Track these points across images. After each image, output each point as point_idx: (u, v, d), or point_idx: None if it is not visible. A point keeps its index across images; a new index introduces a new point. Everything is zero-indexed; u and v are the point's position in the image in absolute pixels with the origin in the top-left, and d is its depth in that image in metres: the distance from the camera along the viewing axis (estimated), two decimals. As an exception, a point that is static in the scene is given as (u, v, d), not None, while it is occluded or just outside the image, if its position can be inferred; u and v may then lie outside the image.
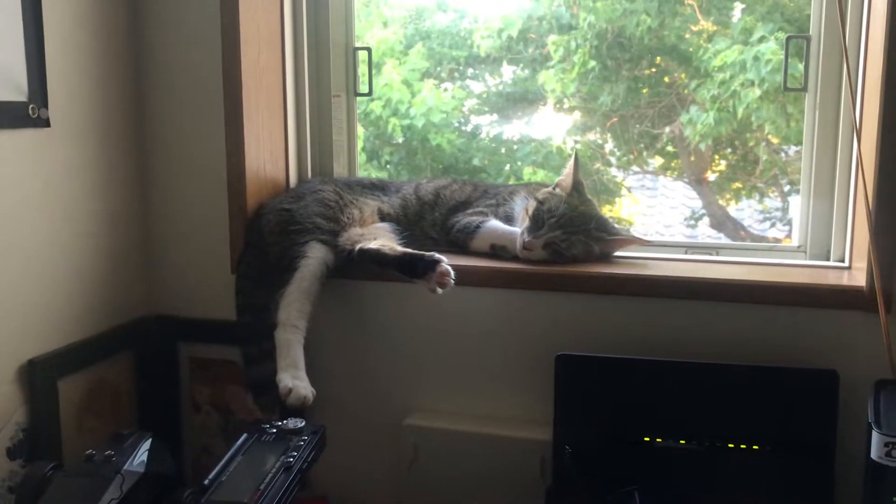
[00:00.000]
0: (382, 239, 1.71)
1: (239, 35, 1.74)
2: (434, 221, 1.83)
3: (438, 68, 2.92)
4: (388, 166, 2.89)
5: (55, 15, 1.63)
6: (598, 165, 2.78)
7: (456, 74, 2.97)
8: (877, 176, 1.45)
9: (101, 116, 1.77)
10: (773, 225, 2.85)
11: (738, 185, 2.86)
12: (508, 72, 2.92)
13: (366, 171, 2.71)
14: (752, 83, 2.36)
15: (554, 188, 1.76)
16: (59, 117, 1.65)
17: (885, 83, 1.43)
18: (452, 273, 1.57)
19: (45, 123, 1.61)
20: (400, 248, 1.66)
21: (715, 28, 2.56)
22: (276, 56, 1.88)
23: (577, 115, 2.81)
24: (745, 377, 1.50)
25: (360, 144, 2.07)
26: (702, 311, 1.59)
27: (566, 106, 2.75)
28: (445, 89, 2.95)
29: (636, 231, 1.98)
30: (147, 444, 1.39)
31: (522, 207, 1.75)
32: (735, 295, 1.56)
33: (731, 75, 2.41)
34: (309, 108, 1.98)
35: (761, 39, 2.37)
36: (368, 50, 2.02)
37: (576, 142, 2.74)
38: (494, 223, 1.76)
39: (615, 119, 2.69)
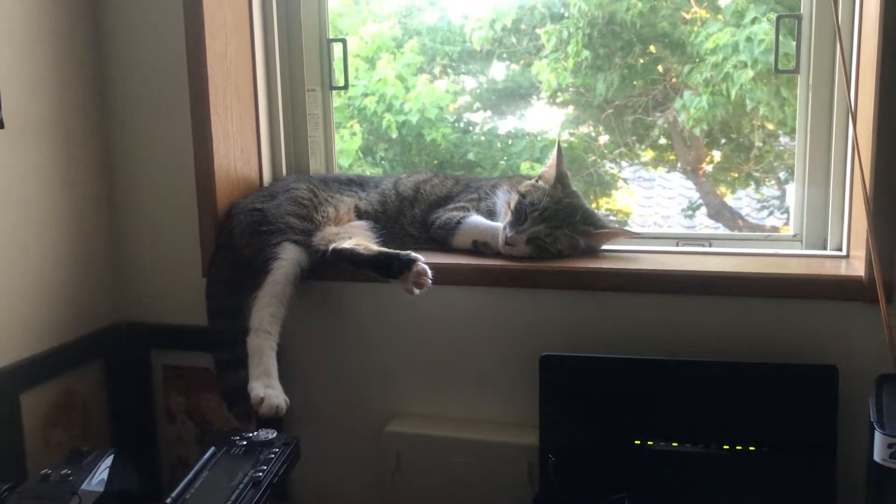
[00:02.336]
0: (358, 238, 1.64)
1: (203, 27, 1.67)
2: (414, 218, 1.76)
3: (432, 63, 2.88)
4: (382, 162, 2.85)
5: (3, 11, 1.56)
6: (592, 158, 2.74)
7: (449, 70, 2.92)
8: (874, 160, 1.37)
9: (60, 116, 1.70)
10: (770, 213, 2.81)
11: (734, 174, 2.82)
12: (501, 66, 2.89)
13: (360, 167, 2.67)
14: (745, 65, 2.33)
15: (537, 180, 1.69)
16: (13, 118, 1.58)
17: (880, 63, 1.35)
18: (430, 272, 1.50)
19: (-1, 125, 1.54)
20: (375, 247, 1.59)
21: (707, 15, 2.52)
22: (245, 49, 1.81)
23: (570, 108, 2.77)
24: (739, 375, 1.42)
25: (337, 139, 2.00)
26: (693, 306, 1.52)
27: (559, 99, 2.71)
28: (437, 87, 2.91)
29: (633, 223, 1.91)
30: (108, 461, 1.33)
31: (505, 201, 1.69)
32: (728, 288, 1.49)
33: (724, 57, 2.38)
34: (282, 103, 1.90)
35: (753, 20, 2.34)
36: (343, 41, 1.95)
37: (570, 134, 2.69)
38: (476, 218, 1.69)
39: (609, 111, 2.64)
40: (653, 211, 3.12)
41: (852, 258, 1.56)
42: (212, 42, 1.69)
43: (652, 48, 2.65)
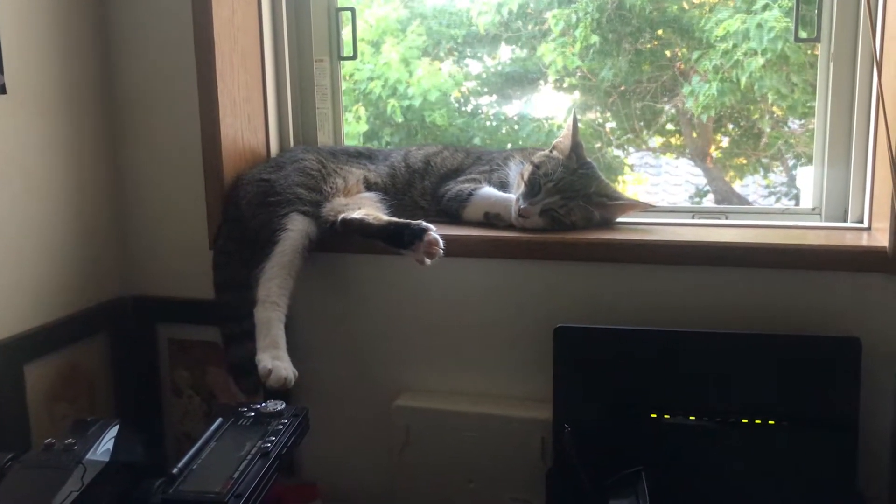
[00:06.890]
0: (367, 208, 1.61)
1: (209, -8, 1.63)
2: (424, 190, 1.73)
3: (437, 48, 2.85)
4: (388, 147, 2.82)
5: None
6: (599, 144, 2.71)
7: (455, 54, 2.89)
8: (901, 126, 1.33)
9: (64, 83, 1.67)
10: (778, 200, 2.78)
11: (742, 160, 2.78)
12: (507, 51, 2.86)
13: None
14: (755, 52, 2.30)
15: (551, 151, 1.66)
16: (16, 83, 1.54)
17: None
18: (441, 242, 1.48)
19: (1, 90, 1.50)
20: (385, 218, 1.56)
21: (716, 0, 2.48)
22: (252, 16, 1.77)
23: (576, 94, 2.74)
24: (759, 347, 1.39)
25: (345, 113, 1.97)
26: (710, 278, 1.49)
27: (566, 84, 2.67)
28: (440, 69, 2.89)
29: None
30: (113, 432, 1.29)
31: (517, 172, 1.66)
32: (746, 259, 1.46)
33: (734, 45, 2.35)
34: (290, 73, 1.87)
35: (765, 7, 2.30)
36: (352, 10, 1.91)
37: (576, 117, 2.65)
38: (488, 190, 1.66)
39: (615, 97, 2.60)
40: (660, 198, 3.10)
41: (875, 230, 1.52)
42: (218, 7, 1.66)
43: (660, 32, 2.62)
